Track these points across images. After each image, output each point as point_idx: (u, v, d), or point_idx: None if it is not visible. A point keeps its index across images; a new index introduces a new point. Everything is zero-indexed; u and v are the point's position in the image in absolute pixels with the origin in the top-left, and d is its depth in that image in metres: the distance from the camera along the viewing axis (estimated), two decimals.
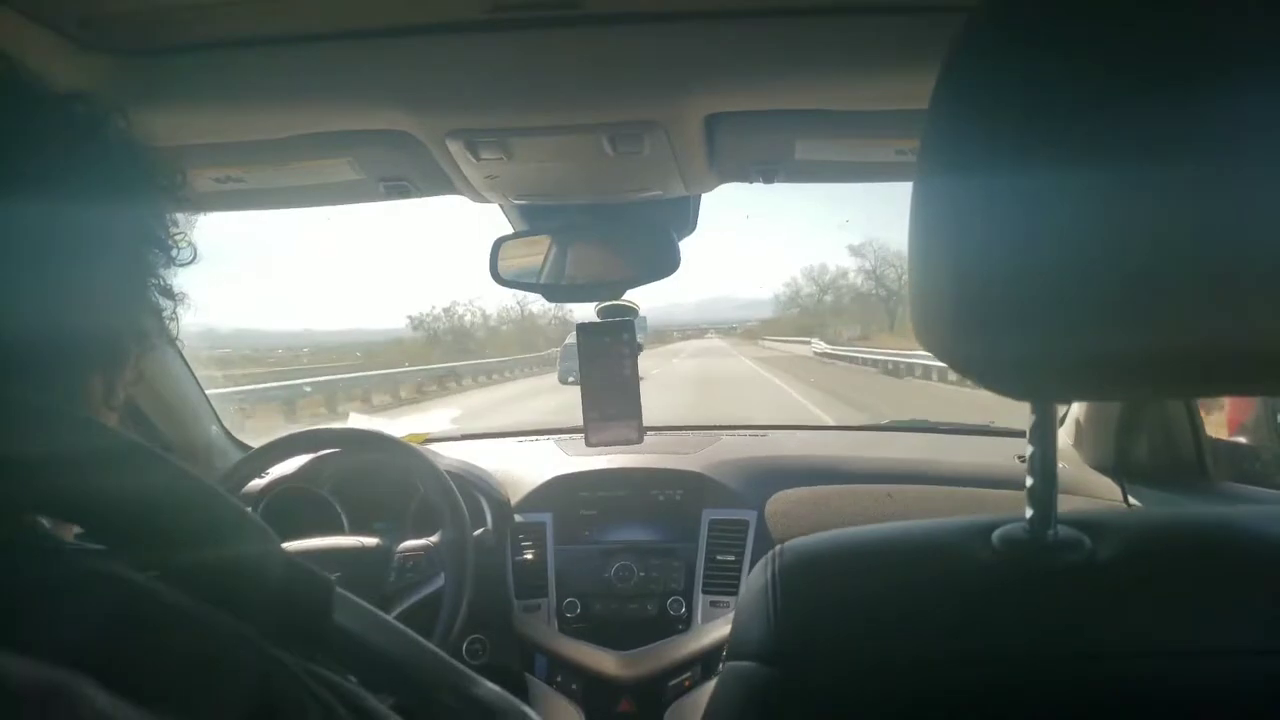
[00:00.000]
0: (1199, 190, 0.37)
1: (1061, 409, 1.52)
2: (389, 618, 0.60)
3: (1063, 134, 0.39)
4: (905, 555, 0.56)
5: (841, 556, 0.57)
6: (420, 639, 0.61)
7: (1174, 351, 0.40)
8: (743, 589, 0.58)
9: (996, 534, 0.54)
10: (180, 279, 0.55)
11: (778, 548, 0.58)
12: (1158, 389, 0.60)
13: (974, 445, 1.89)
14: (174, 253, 0.52)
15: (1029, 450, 0.54)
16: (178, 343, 1.58)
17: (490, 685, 0.63)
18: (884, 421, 2.10)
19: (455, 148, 0.95)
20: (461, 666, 0.62)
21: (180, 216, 0.54)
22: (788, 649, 0.51)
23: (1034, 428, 0.54)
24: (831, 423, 3.96)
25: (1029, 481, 0.54)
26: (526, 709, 0.63)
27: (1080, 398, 1.21)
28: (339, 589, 0.48)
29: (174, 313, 0.54)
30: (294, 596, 0.44)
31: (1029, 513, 0.53)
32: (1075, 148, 0.38)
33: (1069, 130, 0.38)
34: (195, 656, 0.35)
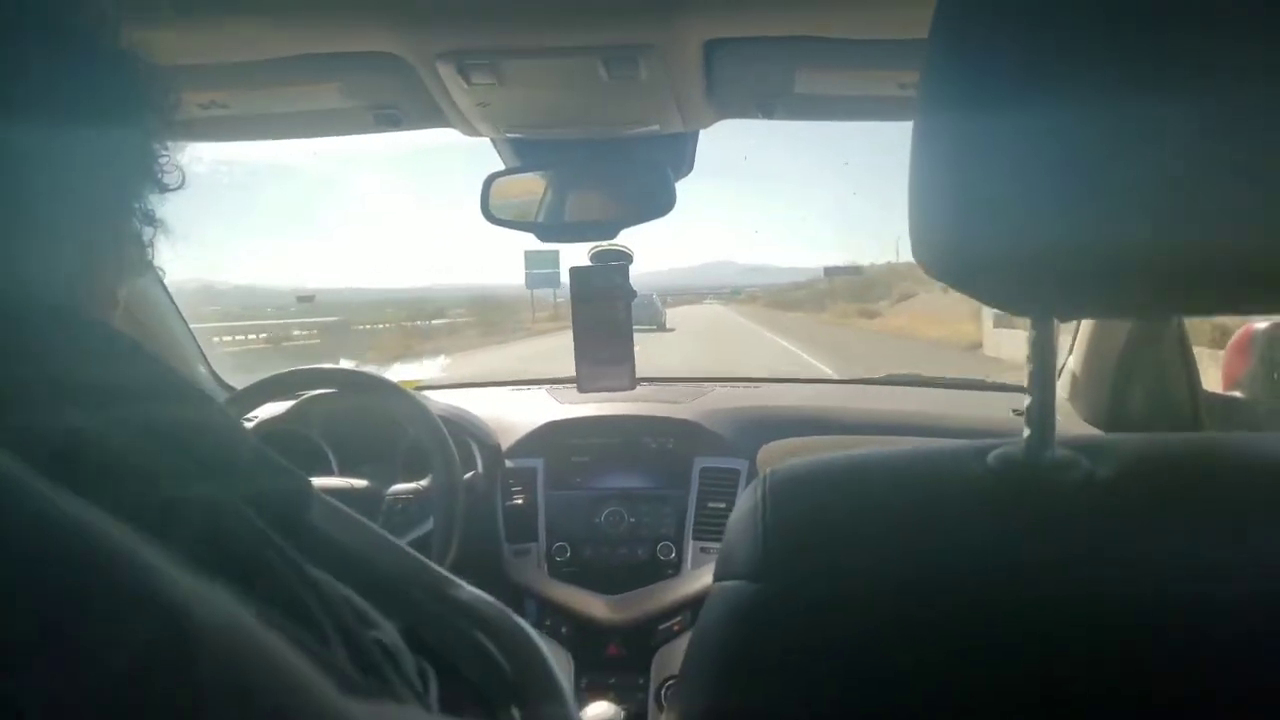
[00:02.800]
0: (1204, 109, 0.36)
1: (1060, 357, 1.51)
2: (368, 522, 0.59)
3: (1069, 57, 0.38)
4: (896, 475, 0.55)
5: (831, 477, 0.56)
6: (396, 541, 0.60)
7: (1174, 265, 0.40)
8: (731, 514, 0.57)
9: (992, 455, 0.53)
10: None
11: (767, 471, 0.56)
12: (1157, 305, 0.59)
13: (968, 399, 1.89)
14: (161, 177, 0.50)
15: (1028, 369, 0.53)
16: (164, 281, 1.56)
17: (471, 589, 0.62)
18: (879, 375, 2.09)
19: (446, 71, 0.92)
20: (442, 570, 0.61)
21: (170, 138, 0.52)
22: (775, 565, 0.50)
23: (1033, 345, 0.52)
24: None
25: (1026, 401, 0.52)
26: (506, 609, 0.62)
27: (1081, 314, 1.20)
28: (318, 493, 0.47)
29: (152, 240, 0.52)
30: (268, 488, 0.42)
31: (1026, 433, 0.52)
32: (1082, 70, 0.38)
33: (1075, 53, 0.38)
34: (147, 474, 0.33)
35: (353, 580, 0.46)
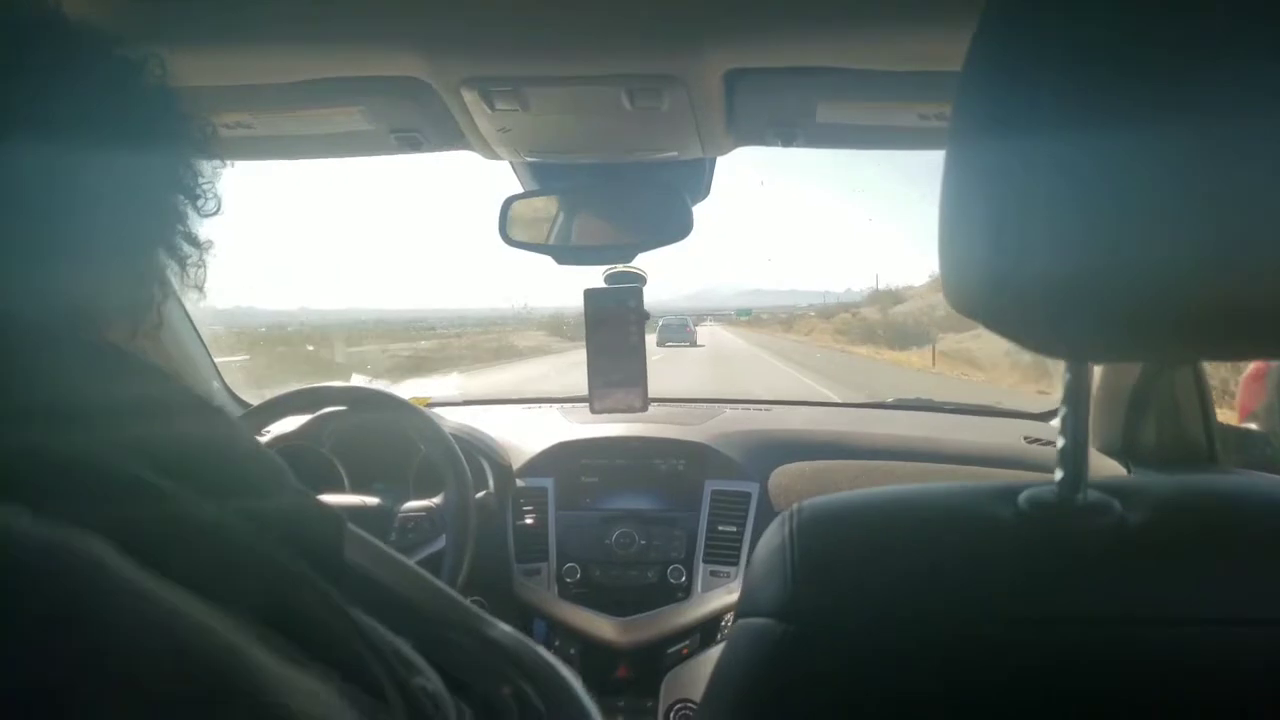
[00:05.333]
0: (1247, 149, 0.35)
1: None
2: (401, 557, 0.59)
3: (1108, 95, 0.37)
4: (927, 515, 0.54)
5: (861, 515, 0.55)
6: (433, 579, 0.60)
7: (1216, 311, 0.39)
8: (756, 548, 0.57)
9: (1023, 496, 0.52)
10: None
11: (795, 506, 0.56)
12: (1198, 350, 0.59)
13: (980, 425, 1.88)
14: (200, 202, 0.53)
15: (1062, 411, 0.53)
16: (183, 298, 1.57)
17: (504, 626, 0.62)
18: (888, 399, 2.09)
19: (470, 97, 0.93)
20: (475, 608, 0.61)
21: (207, 166, 0.54)
22: (804, 606, 0.49)
23: (1068, 387, 0.52)
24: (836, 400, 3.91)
25: (1060, 443, 0.52)
26: (540, 648, 0.62)
27: (1119, 358, 1.20)
28: (351, 525, 0.47)
29: (200, 259, 0.54)
30: (304, 527, 0.43)
31: (1058, 475, 0.52)
32: (1121, 110, 0.37)
33: (1114, 92, 0.37)
34: (214, 545, 0.34)
35: (393, 620, 0.46)
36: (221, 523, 0.35)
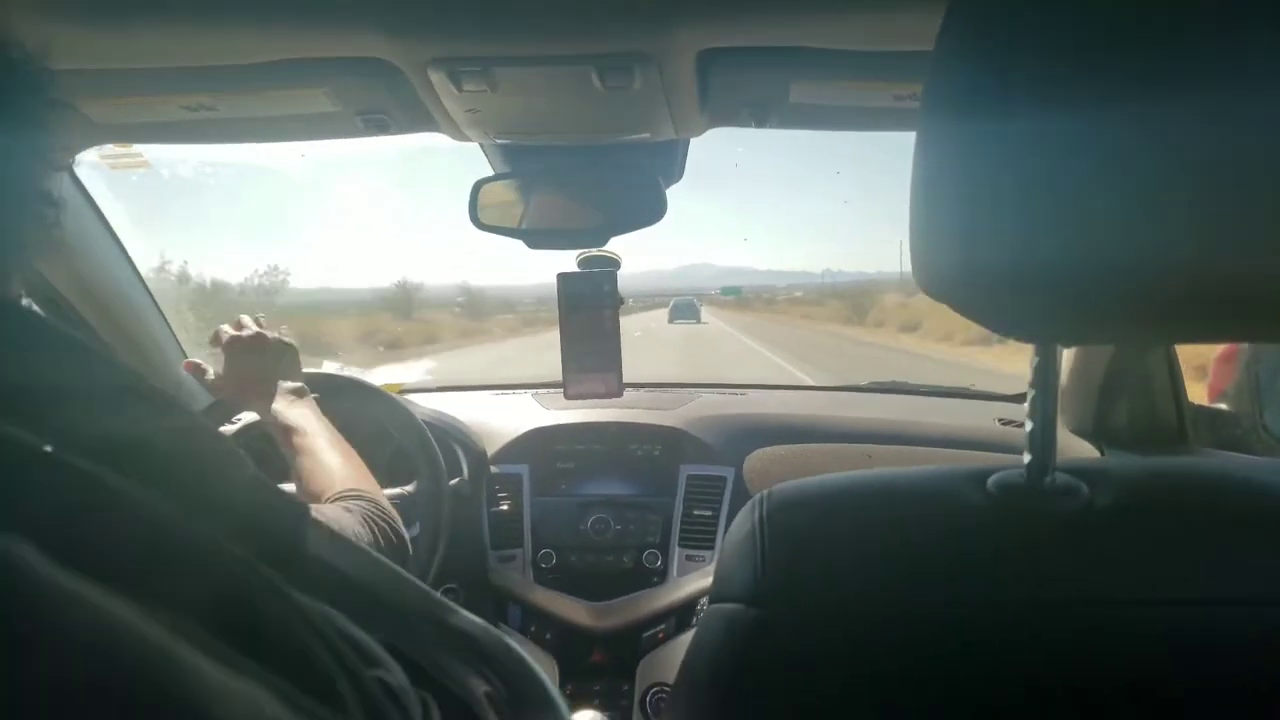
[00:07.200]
0: (1213, 134, 0.36)
1: None
2: (365, 546, 0.57)
3: (1080, 79, 0.37)
4: (896, 499, 0.55)
5: (830, 500, 0.55)
6: (397, 567, 0.59)
7: (1181, 294, 0.39)
8: (727, 534, 0.57)
9: (992, 479, 0.52)
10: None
11: (765, 491, 0.56)
12: (1164, 332, 0.59)
13: (954, 408, 1.89)
14: (49, 156, 0.49)
15: (1030, 394, 0.52)
16: (144, 279, 1.53)
17: (468, 615, 0.61)
18: (864, 382, 2.09)
19: (437, 78, 0.91)
20: (439, 596, 0.60)
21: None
22: (774, 590, 0.49)
23: (1036, 370, 0.52)
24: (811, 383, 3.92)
25: (1028, 426, 0.52)
26: (505, 638, 0.61)
27: (1086, 340, 1.20)
28: (313, 512, 0.46)
29: (56, 220, 0.50)
30: (264, 517, 0.42)
31: (1026, 458, 0.52)
32: (1093, 93, 0.37)
33: (1087, 75, 0.37)
34: (151, 541, 0.32)
35: (354, 610, 0.45)
36: (160, 516, 0.33)
